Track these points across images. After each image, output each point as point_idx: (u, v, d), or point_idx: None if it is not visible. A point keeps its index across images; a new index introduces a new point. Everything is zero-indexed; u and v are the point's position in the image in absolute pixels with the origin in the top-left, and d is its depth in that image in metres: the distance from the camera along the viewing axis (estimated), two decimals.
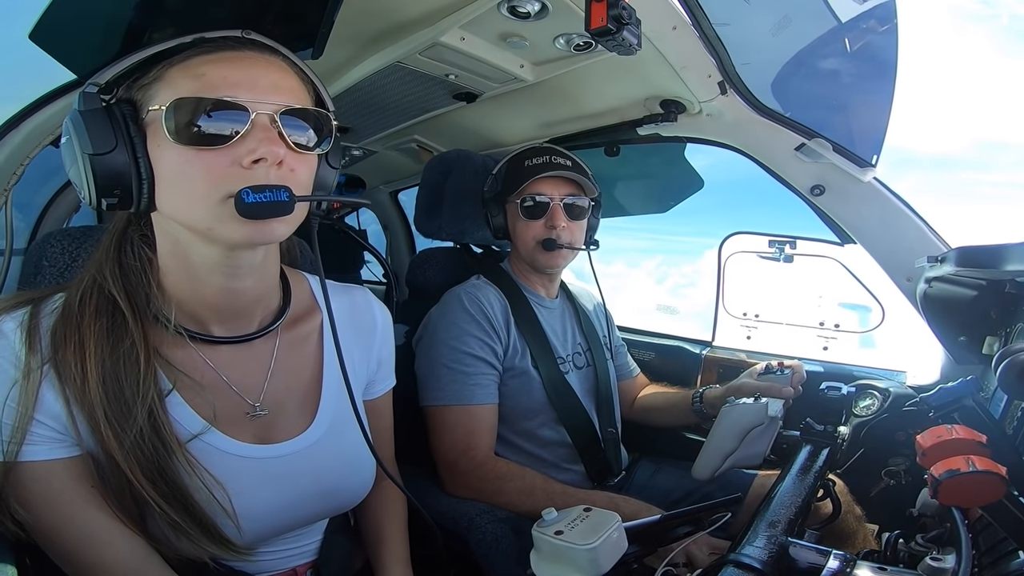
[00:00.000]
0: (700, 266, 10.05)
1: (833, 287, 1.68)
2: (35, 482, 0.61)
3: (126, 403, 0.62)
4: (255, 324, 0.77)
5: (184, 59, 0.63)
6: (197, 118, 0.59)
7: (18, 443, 0.60)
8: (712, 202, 2.11)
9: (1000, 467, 0.60)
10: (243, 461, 0.71)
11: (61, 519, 0.62)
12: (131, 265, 0.69)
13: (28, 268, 0.91)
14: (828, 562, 0.65)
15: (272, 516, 0.74)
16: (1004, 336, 1.03)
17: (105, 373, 0.63)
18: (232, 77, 0.62)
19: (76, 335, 0.63)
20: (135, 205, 0.63)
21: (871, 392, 1.19)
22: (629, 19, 0.82)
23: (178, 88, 0.61)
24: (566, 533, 0.64)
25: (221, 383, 0.73)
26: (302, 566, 0.84)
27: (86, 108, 0.61)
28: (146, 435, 0.63)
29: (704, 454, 1.09)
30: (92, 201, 0.63)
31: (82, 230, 0.94)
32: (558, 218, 1.33)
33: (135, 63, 0.64)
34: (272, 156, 0.62)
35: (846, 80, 1.39)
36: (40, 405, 0.61)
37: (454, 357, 1.23)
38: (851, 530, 1.15)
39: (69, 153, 0.64)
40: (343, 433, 0.81)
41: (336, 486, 0.81)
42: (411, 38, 1.17)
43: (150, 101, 0.62)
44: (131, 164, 0.62)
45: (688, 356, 1.86)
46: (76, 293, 0.66)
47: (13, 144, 1.06)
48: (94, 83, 0.63)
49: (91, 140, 0.60)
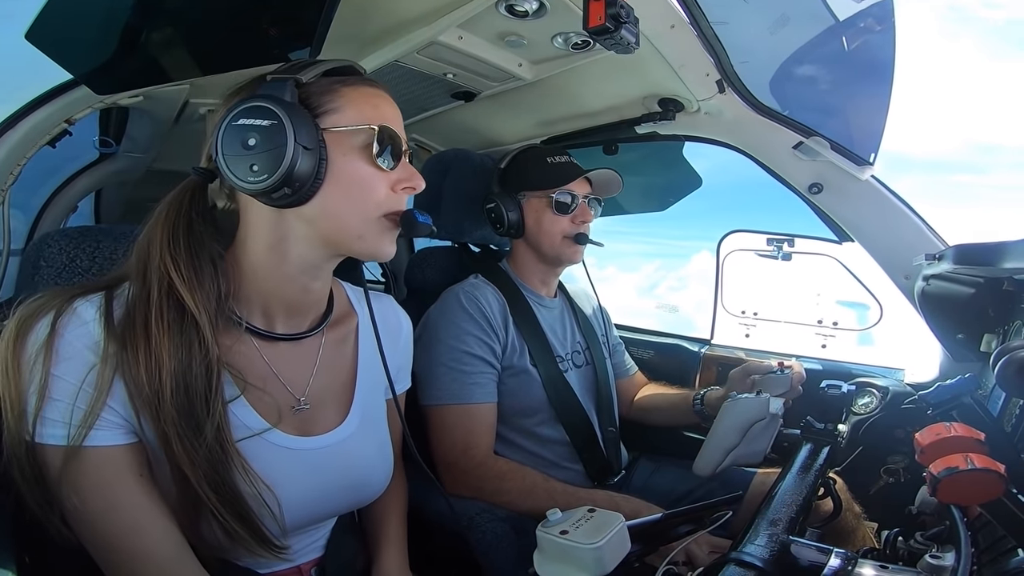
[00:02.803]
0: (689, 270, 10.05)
1: (831, 285, 1.69)
2: (93, 467, 0.62)
3: (196, 418, 0.63)
4: (308, 323, 0.81)
5: (355, 84, 0.72)
6: (385, 144, 0.70)
7: (87, 427, 0.60)
8: (706, 206, 2.12)
9: (998, 464, 0.60)
10: (289, 453, 0.74)
11: (109, 505, 0.62)
12: (203, 264, 0.68)
13: (26, 268, 0.90)
14: (829, 560, 0.66)
15: (307, 508, 0.76)
16: (1002, 334, 1.03)
17: (178, 388, 0.63)
18: (391, 114, 0.74)
19: (150, 350, 0.63)
20: (296, 200, 0.66)
21: (870, 390, 1.20)
22: (627, 18, 0.81)
23: (361, 110, 0.70)
24: (571, 533, 0.64)
25: (273, 378, 0.76)
26: (307, 563, 0.85)
27: (292, 100, 0.66)
28: (211, 447, 0.64)
29: (705, 450, 1.09)
30: (269, 187, 0.64)
31: (80, 230, 0.93)
32: (587, 214, 1.39)
33: (320, 72, 0.71)
34: (420, 187, 0.75)
35: (844, 78, 1.39)
36: (112, 392, 0.62)
37: (453, 356, 1.23)
38: (851, 528, 1.15)
39: (273, 138, 0.63)
40: (372, 428, 0.86)
41: (363, 479, 0.84)
42: (409, 37, 1.17)
43: (336, 115, 0.69)
44: (316, 165, 0.66)
45: (687, 354, 1.86)
46: (146, 302, 0.65)
47: (10, 144, 1.06)
48: (296, 79, 0.68)
49: (301, 134, 0.64)
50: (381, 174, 0.71)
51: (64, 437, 0.60)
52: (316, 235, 0.71)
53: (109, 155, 1.87)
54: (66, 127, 1.14)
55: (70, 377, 0.61)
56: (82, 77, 1.02)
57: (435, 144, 1.96)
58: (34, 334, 0.61)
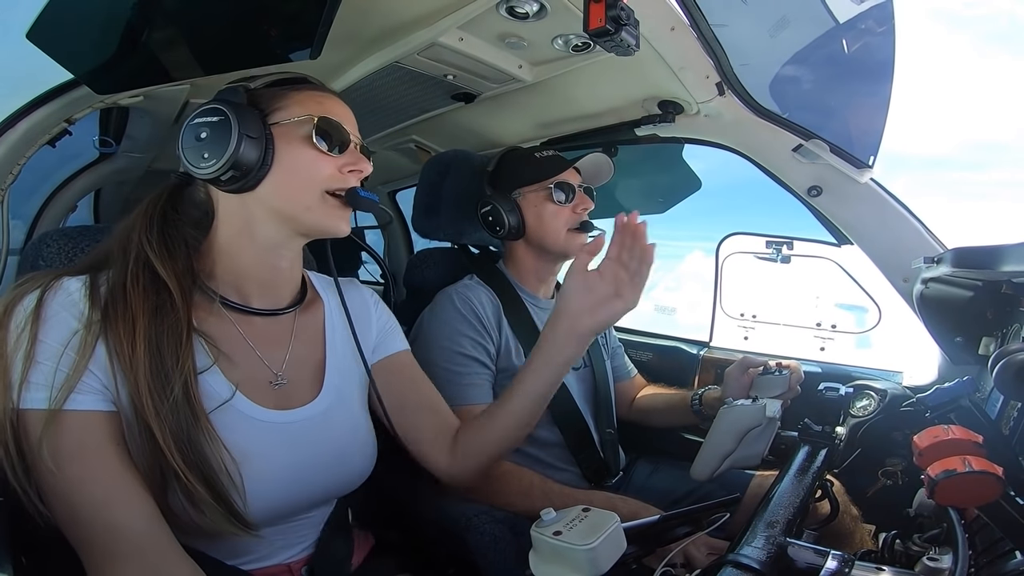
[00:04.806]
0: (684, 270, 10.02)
1: (830, 288, 1.69)
2: (71, 432, 0.64)
3: (166, 375, 0.68)
4: (284, 301, 0.89)
5: (303, 89, 0.84)
6: (329, 131, 0.80)
7: (68, 390, 0.64)
8: (700, 207, 2.12)
9: (996, 467, 0.60)
10: (264, 426, 0.78)
11: (85, 474, 0.64)
12: (176, 244, 0.78)
13: (24, 268, 0.90)
14: (826, 562, 0.65)
15: (279, 484, 0.78)
16: (1000, 337, 1.03)
17: (151, 347, 0.69)
18: (339, 112, 0.84)
19: (128, 312, 0.69)
20: (247, 183, 0.76)
21: (868, 392, 1.19)
22: (627, 20, 0.82)
23: (305, 107, 0.81)
24: (565, 533, 0.64)
25: (250, 351, 0.82)
26: (297, 562, 0.85)
27: (240, 101, 0.77)
28: (179, 405, 0.68)
29: (702, 455, 1.09)
30: (217, 172, 0.74)
31: (78, 230, 0.94)
32: (587, 201, 1.38)
33: (270, 81, 0.83)
34: (367, 170, 0.84)
35: (843, 81, 1.40)
36: (94, 357, 0.67)
37: (447, 357, 1.22)
38: (848, 530, 1.15)
39: (220, 131, 0.74)
40: (346, 407, 0.90)
41: (339, 458, 0.86)
42: (409, 38, 1.17)
43: (282, 112, 0.80)
44: (263, 152, 0.76)
45: (686, 356, 1.86)
46: (124, 272, 0.73)
47: (9, 143, 1.06)
48: (244, 86, 0.80)
49: (245, 126, 0.74)
50: (325, 158, 0.80)
51: (46, 400, 0.63)
52: (273, 214, 0.80)
53: (109, 155, 1.87)
54: (66, 127, 1.14)
55: (53, 341, 0.65)
56: (82, 77, 1.02)
57: (435, 145, 1.96)
58: (22, 306, 0.67)
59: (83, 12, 0.96)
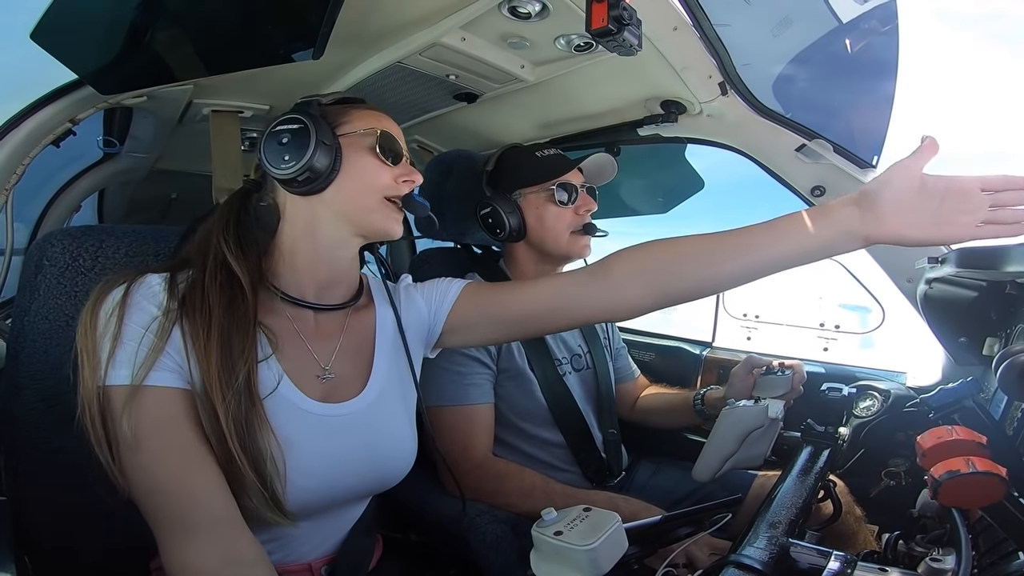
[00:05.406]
0: None
1: (833, 288, 1.68)
2: (152, 406, 0.70)
3: (233, 362, 0.74)
4: (339, 299, 0.94)
5: (363, 108, 0.92)
6: (388, 145, 0.88)
7: (148, 368, 0.70)
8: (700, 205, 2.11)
9: (1000, 468, 0.60)
10: (309, 416, 0.82)
11: (164, 445, 0.70)
12: (248, 245, 0.86)
13: (28, 268, 0.91)
14: (829, 563, 0.65)
15: (321, 474, 0.81)
16: (1004, 337, 1.03)
17: (223, 336, 0.75)
18: (394, 129, 0.92)
19: (205, 304, 0.76)
20: (316, 186, 0.83)
21: (871, 393, 1.19)
22: (630, 20, 0.81)
23: (367, 122, 0.89)
24: (565, 533, 0.64)
25: (302, 345, 0.87)
26: (318, 561, 0.88)
27: (315, 114, 0.85)
28: (241, 390, 0.74)
29: (704, 456, 1.09)
30: (295, 172, 0.81)
31: (83, 230, 0.94)
32: (590, 202, 1.37)
33: (336, 99, 0.92)
34: (418, 181, 0.91)
35: (847, 81, 1.39)
36: (170, 341, 0.73)
37: (448, 356, 1.22)
38: (851, 531, 1.15)
39: (300, 137, 0.82)
40: (391, 403, 0.93)
41: (381, 454, 0.90)
42: (411, 38, 1.17)
43: (348, 125, 0.87)
44: (333, 159, 0.83)
45: (688, 357, 1.86)
46: (203, 271, 0.80)
47: (14, 143, 1.06)
48: (317, 101, 0.89)
49: (322, 133, 0.82)
50: (385, 167, 0.88)
51: (128, 376, 0.70)
52: (337, 215, 0.87)
53: (113, 155, 1.87)
54: (70, 127, 1.14)
55: (136, 324, 0.73)
56: (86, 77, 1.03)
57: (437, 145, 1.96)
58: (111, 296, 0.74)
59: (87, 12, 0.97)
